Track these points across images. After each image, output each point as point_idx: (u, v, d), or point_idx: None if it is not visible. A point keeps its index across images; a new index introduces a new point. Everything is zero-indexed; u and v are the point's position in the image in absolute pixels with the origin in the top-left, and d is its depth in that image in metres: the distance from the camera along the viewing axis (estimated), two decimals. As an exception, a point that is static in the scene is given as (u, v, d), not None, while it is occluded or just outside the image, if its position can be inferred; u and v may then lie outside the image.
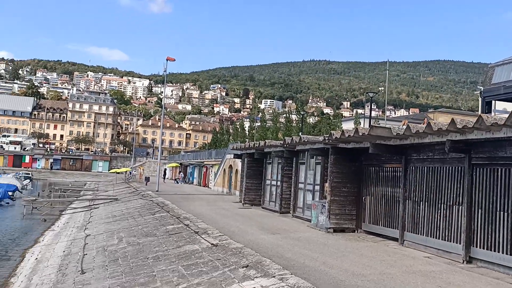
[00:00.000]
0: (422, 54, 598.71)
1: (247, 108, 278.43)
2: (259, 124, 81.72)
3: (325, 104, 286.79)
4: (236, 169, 36.48)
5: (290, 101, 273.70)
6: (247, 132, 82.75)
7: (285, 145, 20.57)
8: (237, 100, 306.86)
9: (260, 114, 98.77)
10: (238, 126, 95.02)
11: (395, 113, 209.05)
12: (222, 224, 17.08)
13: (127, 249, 15.25)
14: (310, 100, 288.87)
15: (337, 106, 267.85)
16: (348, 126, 52.80)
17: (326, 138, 15.77)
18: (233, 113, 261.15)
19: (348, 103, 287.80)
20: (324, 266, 9.95)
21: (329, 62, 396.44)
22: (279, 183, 22.38)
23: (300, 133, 43.40)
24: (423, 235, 12.64)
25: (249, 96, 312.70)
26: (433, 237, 12.23)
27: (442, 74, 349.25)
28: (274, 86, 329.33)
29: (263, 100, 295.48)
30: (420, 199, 12.92)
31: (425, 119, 23.35)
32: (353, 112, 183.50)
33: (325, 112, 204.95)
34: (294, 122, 75.88)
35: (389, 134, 12.76)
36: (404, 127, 12.32)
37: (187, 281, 10.19)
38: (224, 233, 14.46)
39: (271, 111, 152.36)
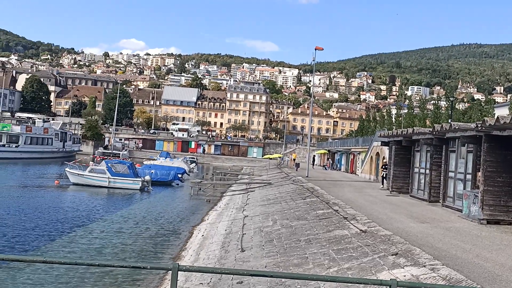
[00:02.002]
0: None
1: (394, 95, 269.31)
2: (406, 111, 78.64)
3: (475, 89, 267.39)
4: (383, 157, 35.55)
5: (438, 87, 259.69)
6: (393, 120, 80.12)
7: (434, 133, 19.58)
8: (383, 87, 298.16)
9: (407, 101, 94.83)
10: (384, 114, 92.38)
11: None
12: (370, 210, 16.80)
13: (281, 231, 15.65)
14: (459, 86, 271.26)
15: (489, 91, 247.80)
16: (501, 112, 48.59)
17: (479, 125, 14.67)
18: (379, 100, 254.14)
19: (502, 88, 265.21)
20: (478, 259, 9.34)
21: (480, 45, 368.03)
22: (427, 171, 21.37)
23: (450, 120, 40.97)
24: None
25: (396, 83, 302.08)
26: None
27: None
28: (421, 72, 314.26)
29: (409, 87, 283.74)
30: None
31: None
32: (507, 97, 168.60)
33: (475, 98, 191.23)
34: (443, 108, 71.85)
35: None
36: None
37: (337, 264, 10.21)
38: (373, 220, 14.20)
39: (418, 98, 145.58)
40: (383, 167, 29.90)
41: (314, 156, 66.81)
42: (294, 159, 55.11)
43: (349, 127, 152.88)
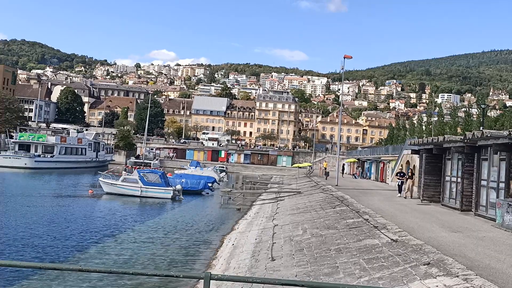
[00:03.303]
0: None
1: (423, 103, 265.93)
2: (436, 119, 77.53)
3: (508, 96, 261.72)
4: (414, 165, 35.08)
5: (469, 95, 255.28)
6: (424, 128, 79.07)
7: (465, 141, 19.25)
8: (412, 95, 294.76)
9: (437, 108, 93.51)
10: (414, 122, 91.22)
11: None
12: (401, 219, 16.58)
13: (311, 240, 15.58)
14: (491, 93, 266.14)
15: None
16: (535, 119, 47.49)
17: (512, 133, 14.40)
18: (409, 108, 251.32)
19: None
20: (512, 269, 9.13)
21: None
22: (459, 179, 20.99)
23: (481, 128, 40.20)
24: None
25: (425, 90, 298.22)
26: None
27: None
28: (451, 80, 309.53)
29: (440, 94, 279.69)
30: None
31: None
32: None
33: (508, 105, 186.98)
34: (474, 116, 70.56)
35: None
36: None
37: (368, 274, 10.12)
38: (403, 229, 14.01)
39: (448, 106, 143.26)
40: (398, 174, 29.42)
41: (343, 164, 66.33)
42: (325, 168, 54.81)
43: (378, 136, 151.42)
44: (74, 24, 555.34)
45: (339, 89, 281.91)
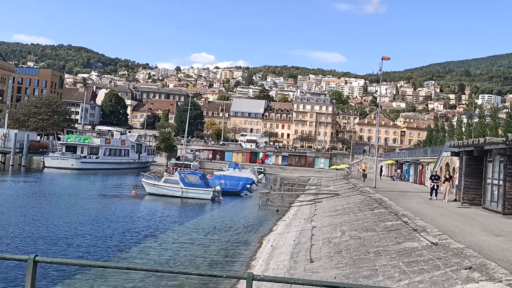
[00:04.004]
0: None
1: (463, 104, 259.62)
2: (476, 120, 75.59)
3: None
4: (454, 167, 34.32)
5: (511, 95, 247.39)
6: (463, 129, 77.21)
7: (507, 142, 18.71)
8: (452, 96, 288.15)
9: (478, 110, 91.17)
10: (454, 123, 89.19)
11: None
12: (441, 222, 16.25)
13: (350, 242, 15.46)
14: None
15: None
16: None
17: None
18: (448, 110, 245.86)
19: None
20: (557, 275, 8.83)
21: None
22: (501, 182, 20.40)
23: (524, 130, 38.99)
24: None
25: (465, 91, 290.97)
26: None
27: None
28: (492, 80, 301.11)
29: (480, 95, 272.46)
30: None
31: None
32: None
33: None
34: (516, 117, 68.31)
35: None
36: None
37: (408, 277, 9.97)
38: (444, 232, 13.73)
39: (489, 107, 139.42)
40: (432, 177, 28.74)
41: (381, 166, 65.45)
42: (364, 170, 54.25)
43: (416, 137, 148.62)
44: (118, 30, 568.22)
45: (377, 91, 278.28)
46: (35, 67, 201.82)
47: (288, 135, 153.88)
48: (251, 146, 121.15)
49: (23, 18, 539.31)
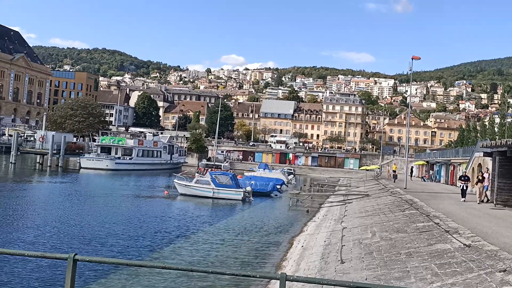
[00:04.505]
0: None
1: (495, 104, 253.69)
2: (510, 120, 73.79)
3: None
4: (486, 168, 33.58)
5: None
6: (496, 129, 75.47)
7: (542, 144, 18.26)
8: (483, 95, 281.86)
9: (510, 109, 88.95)
10: (486, 123, 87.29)
11: None
12: (473, 224, 15.94)
13: (380, 243, 15.31)
14: None
15: None
16: None
17: None
18: (480, 110, 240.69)
19: None
20: None
21: None
22: (536, 184, 19.91)
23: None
24: None
25: (497, 91, 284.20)
26: None
27: None
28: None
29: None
30: None
31: None
32: None
33: None
34: (551, 117, 66.52)
35: None
36: None
37: (440, 280, 9.83)
38: (476, 234, 13.47)
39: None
40: (462, 178, 28.12)
41: (412, 167, 64.52)
42: (394, 171, 53.57)
43: (448, 138, 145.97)
44: (150, 33, 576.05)
45: (407, 91, 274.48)
46: (71, 70, 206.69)
47: (318, 135, 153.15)
48: (280, 147, 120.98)
49: (59, 23, 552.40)
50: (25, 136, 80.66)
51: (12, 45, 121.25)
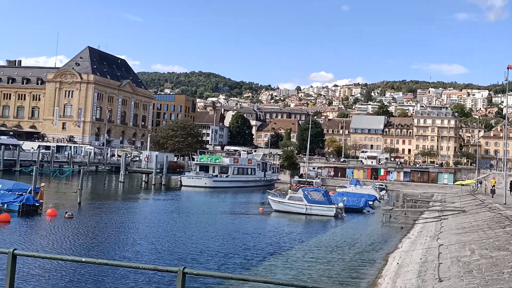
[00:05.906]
0: None
1: None
2: None
3: None
4: None
5: None
6: None
7: None
8: None
9: None
10: None
11: None
12: None
13: (480, 261, 14.60)
14: None
15: None
16: None
17: None
18: None
19: None
20: None
21: None
22: None
23: None
24: None
25: None
26: None
27: None
28: None
29: None
30: None
31: None
32: None
33: None
34: None
35: None
36: None
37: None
38: None
39: None
40: None
41: (511, 181, 60.24)
42: (493, 185, 50.38)
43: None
44: (242, 55, 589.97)
45: (503, 102, 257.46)
46: (171, 93, 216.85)
47: (409, 150, 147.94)
48: (371, 162, 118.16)
49: (160, 50, 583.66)
50: (132, 157, 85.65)
51: (119, 72, 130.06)
